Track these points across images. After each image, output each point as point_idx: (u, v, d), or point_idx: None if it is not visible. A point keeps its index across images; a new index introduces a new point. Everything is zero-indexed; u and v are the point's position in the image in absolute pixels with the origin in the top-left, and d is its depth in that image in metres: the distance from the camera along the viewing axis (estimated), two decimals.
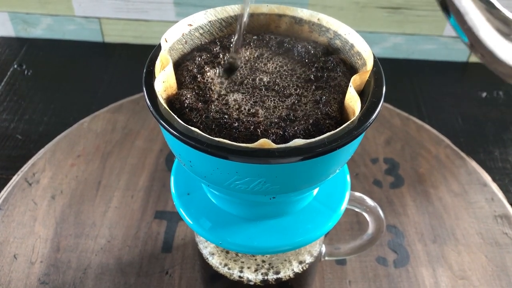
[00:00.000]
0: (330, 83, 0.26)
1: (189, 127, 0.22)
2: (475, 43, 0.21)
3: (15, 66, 0.63)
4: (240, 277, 0.34)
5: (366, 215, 0.35)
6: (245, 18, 0.25)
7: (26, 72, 0.63)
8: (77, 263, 0.42)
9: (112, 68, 0.64)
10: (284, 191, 0.24)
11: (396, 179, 0.50)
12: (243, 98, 0.25)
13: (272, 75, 0.27)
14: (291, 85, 0.26)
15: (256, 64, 0.27)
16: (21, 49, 0.66)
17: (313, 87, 0.26)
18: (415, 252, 0.44)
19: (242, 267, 0.33)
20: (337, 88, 0.25)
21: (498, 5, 0.20)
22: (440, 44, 0.66)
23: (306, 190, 0.26)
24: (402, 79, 0.64)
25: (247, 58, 0.28)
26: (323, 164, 0.23)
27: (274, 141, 0.22)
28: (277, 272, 0.34)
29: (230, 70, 0.27)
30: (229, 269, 0.34)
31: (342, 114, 0.25)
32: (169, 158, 0.51)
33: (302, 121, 0.23)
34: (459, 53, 0.67)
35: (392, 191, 0.49)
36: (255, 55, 0.28)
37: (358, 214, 0.46)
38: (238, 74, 0.27)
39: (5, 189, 0.47)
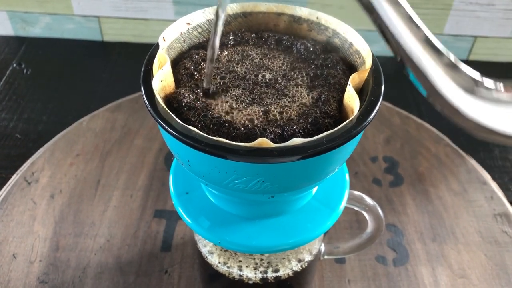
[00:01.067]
0: (329, 81, 0.25)
1: (187, 126, 0.22)
2: (433, 96, 0.21)
3: (14, 65, 0.63)
4: (239, 275, 0.34)
5: (365, 214, 0.35)
6: (217, 41, 0.24)
7: (25, 71, 0.62)
8: (76, 262, 0.42)
9: (111, 67, 0.64)
10: (282, 190, 0.24)
11: (396, 177, 0.50)
12: (241, 96, 0.25)
13: (271, 73, 0.27)
14: (290, 83, 0.26)
15: (253, 62, 0.27)
16: (20, 48, 0.66)
17: (312, 85, 0.26)
18: (414, 251, 0.44)
19: (241, 266, 0.33)
20: (336, 86, 0.25)
21: (453, 58, 0.20)
22: (440, 42, 0.65)
23: (305, 189, 0.26)
24: (401, 78, 0.64)
25: (240, 56, 0.28)
26: (322, 163, 0.23)
27: (272, 140, 0.22)
28: (276, 271, 0.34)
29: (208, 94, 0.26)
30: (228, 267, 0.34)
31: (341, 112, 0.24)
32: (168, 157, 0.51)
33: (301, 120, 0.23)
34: (459, 51, 0.67)
35: (391, 190, 0.49)
36: (252, 53, 0.28)
37: (357, 213, 0.46)
38: (235, 71, 0.27)
39: (4, 188, 0.47)
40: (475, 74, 0.19)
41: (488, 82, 0.19)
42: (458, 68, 0.19)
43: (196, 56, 0.27)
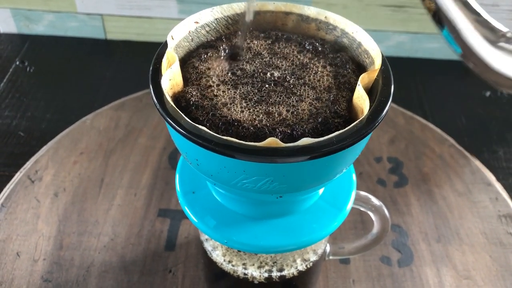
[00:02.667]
0: (339, 80, 0.25)
1: (197, 125, 0.22)
2: (467, 53, 0.21)
3: (17, 62, 0.63)
4: (244, 274, 0.34)
5: (371, 214, 0.35)
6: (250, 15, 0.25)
7: (28, 68, 0.62)
8: (80, 261, 0.42)
9: (114, 65, 0.64)
10: (291, 190, 0.24)
11: (400, 178, 0.50)
12: (250, 94, 0.25)
13: (280, 71, 0.27)
14: (299, 82, 0.26)
15: (262, 61, 0.27)
16: (23, 45, 0.66)
17: (322, 84, 0.26)
18: (419, 251, 0.44)
19: (245, 264, 0.33)
20: (346, 85, 0.25)
21: (485, 14, 0.20)
22: (444, 43, 0.65)
23: (313, 189, 0.26)
24: (406, 78, 0.64)
25: (249, 55, 0.28)
26: (331, 163, 0.23)
27: (282, 140, 0.22)
28: (281, 270, 0.34)
29: (233, 56, 0.26)
30: (233, 266, 0.34)
31: (350, 112, 0.24)
32: (172, 156, 0.51)
33: (311, 120, 0.23)
34: None
35: (396, 190, 0.48)
36: (260, 52, 0.28)
37: (362, 213, 0.46)
38: (245, 69, 0.27)
39: (7, 186, 0.47)
40: (503, 28, 0.19)
41: None
42: (486, 21, 0.19)
43: (205, 55, 0.27)
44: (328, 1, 0.61)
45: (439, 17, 0.21)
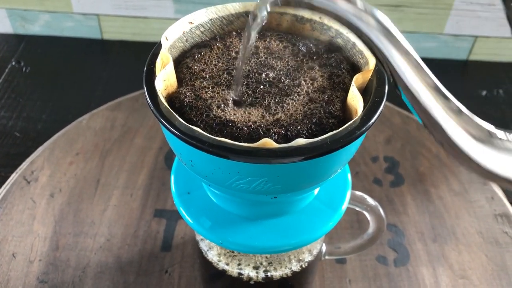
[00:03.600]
0: (334, 80, 0.25)
1: (191, 126, 0.22)
2: (432, 128, 0.21)
3: (13, 63, 0.63)
4: (239, 273, 0.34)
5: (367, 214, 0.35)
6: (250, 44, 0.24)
7: (24, 69, 0.62)
8: (76, 262, 0.42)
9: (110, 65, 0.64)
10: (285, 191, 0.24)
11: (396, 177, 0.50)
12: (244, 95, 0.25)
13: (274, 72, 0.27)
14: (293, 83, 0.26)
15: (256, 61, 0.27)
16: (19, 45, 0.66)
17: (316, 84, 0.26)
18: (415, 251, 0.44)
19: (241, 264, 0.33)
20: (341, 85, 0.25)
21: (465, 110, 0.20)
22: (440, 42, 0.65)
23: (308, 190, 0.26)
24: None
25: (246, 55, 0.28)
26: (326, 163, 0.23)
27: (276, 141, 0.22)
28: (277, 270, 0.34)
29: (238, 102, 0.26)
30: (228, 266, 0.34)
31: (344, 112, 0.24)
32: (168, 156, 0.51)
33: (305, 120, 0.23)
34: (460, 51, 0.66)
35: (392, 190, 0.49)
36: (255, 53, 0.28)
37: (358, 213, 0.46)
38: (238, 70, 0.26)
39: (3, 187, 0.47)
40: (488, 125, 0.20)
41: (500, 133, 0.20)
42: (470, 118, 0.19)
43: (198, 55, 0.27)
44: None
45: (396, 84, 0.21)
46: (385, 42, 0.20)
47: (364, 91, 0.25)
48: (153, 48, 0.26)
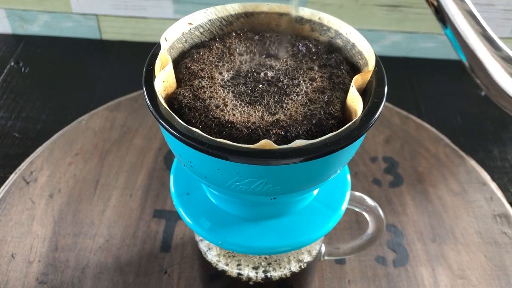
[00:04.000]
0: (333, 81, 0.25)
1: (190, 127, 0.22)
2: (477, 69, 0.21)
3: (12, 63, 0.63)
4: (239, 274, 0.34)
5: (366, 215, 0.35)
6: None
7: (23, 69, 0.62)
8: (76, 263, 0.41)
9: (110, 65, 0.63)
10: (285, 192, 0.24)
11: (395, 178, 0.50)
12: (244, 96, 0.25)
13: (273, 72, 0.27)
14: (293, 83, 0.26)
15: (255, 62, 0.27)
16: (18, 46, 0.65)
17: (316, 85, 0.26)
18: (414, 251, 0.44)
19: (240, 264, 0.33)
20: (340, 86, 0.25)
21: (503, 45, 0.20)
22: (439, 42, 0.65)
23: (307, 191, 0.26)
24: (401, 78, 0.64)
25: (243, 56, 0.28)
26: (325, 164, 0.23)
27: (275, 142, 0.22)
28: (276, 270, 0.34)
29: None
30: (228, 266, 0.34)
31: (344, 113, 0.24)
32: (168, 157, 0.51)
33: (305, 121, 0.23)
34: None
35: (391, 190, 0.49)
36: (254, 53, 0.28)
37: (357, 214, 0.46)
38: (238, 70, 0.26)
39: (2, 187, 0.47)
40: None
41: None
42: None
43: (197, 55, 0.27)
44: (323, 1, 0.61)
45: (442, 15, 0.21)
46: None
47: (363, 92, 0.25)
48: (153, 49, 0.26)
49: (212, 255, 0.34)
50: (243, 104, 0.24)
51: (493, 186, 0.49)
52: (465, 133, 0.57)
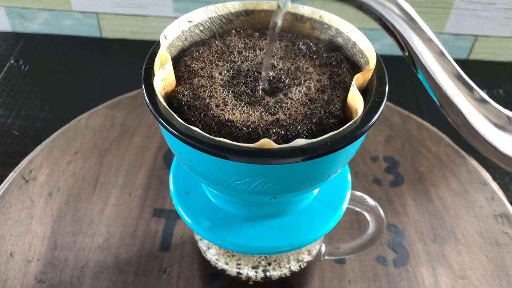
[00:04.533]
0: (334, 79, 0.25)
1: (189, 126, 0.22)
2: (447, 108, 0.21)
3: (12, 61, 0.63)
4: (238, 273, 0.33)
5: (366, 214, 0.35)
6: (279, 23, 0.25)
7: (22, 67, 0.62)
8: (75, 261, 0.41)
9: (109, 63, 0.63)
10: (285, 191, 0.24)
11: (396, 177, 0.49)
12: (244, 94, 0.25)
13: (274, 71, 0.26)
14: (293, 82, 0.26)
15: (255, 60, 0.27)
16: (17, 44, 0.65)
17: (316, 84, 0.25)
18: (415, 251, 0.43)
19: (239, 263, 0.33)
20: (341, 85, 0.25)
21: (486, 98, 0.21)
22: (440, 41, 0.65)
23: (307, 190, 0.26)
24: (402, 77, 0.64)
25: (243, 54, 0.27)
26: (325, 164, 0.23)
27: (275, 141, 0.22)
28: (274, 269, 0.33)
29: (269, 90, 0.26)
30: (226, 264, 0.33)
31: (345, 112, 0.24)
32: (167, 156, 0.51)
33: (305, 120, 0.23)
34: (460, 50, 0.66)
35: (392, 190, 0.48)
36: (254, 51, 0.27)
37: (357, 213, 0.46)
38: (238, 69, 0.26)
39: (1, 186, 0.47)
40: (508, 112, 0.20)
41: None
42: (490, 104, 0.19)
43: (197, 53, 0.27)
44: None
45: (413, 61, 0.21)
46: (407, 29, 0.20)
47: (364, 91, 0.25)
48: (152, 47, 0.26)
49: (212, 254, 0.34)
50: (242, 104, 0.24)
51: (494, 186, 0.49)
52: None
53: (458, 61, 0.66)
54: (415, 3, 0.61)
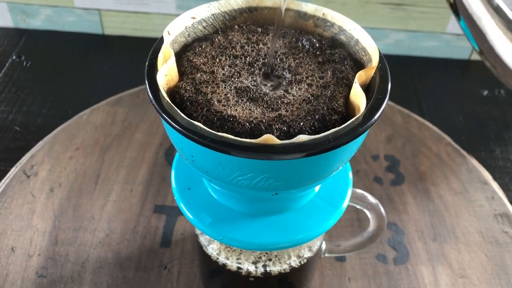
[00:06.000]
0: (337, 76, 0.25)
1: (192, 121, 0.22)
2: (487, 52, 0.21)
3: (14, 57, 0.63)
4: (239, 268, 0.33)
5: (367, 212, 0.35)
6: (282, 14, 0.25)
7: (25, 63, 0.62)
8: (75, 257, 0.41)
9: (111, 60, 0.63)
10: (287, 187, 0.24)
11: (397, 176, 0.50)
12: (246, 90, 0.25)
13: (277, 67, 0.26)
14: (296, 78, 0.26)
15: (258, 56, 0.27)
16: (20, 40, 0.65)
17: (319, 80, 0.26)
18: (415, 250, 0.44)
19: (240, 258, 0.33)
20: (344, 81, 0.25)
21: None
22: (442, 41, 0.65)
23: (309, 187, 0.26)
24: (403, 76, 0.64)
25: (246, 49, 0.27)
26: (327, 160, 0.23)
27: (278, 137, 0.22)
28: (274, 265, 0.34)
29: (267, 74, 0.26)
30: (227, 259, 0.33)
31: (347, 109, 0.24)
32: (169, 152, 0.51)
33: (308, 116, 0.23)
34: (461, 50, 0.66)
35: (392, 189, 0.48)
36: (258, 47, 0.28)
37: (358, 211, 0.46)
38: (241, 64, 0.26)
39: (3, 181, 0.47)
40: None
41: None
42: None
43: (199, 48, 0.27)
44: None
45: (456, 7, 0.21)
46: None
47: (367, 88, 0.25)
48: (155, 43, 0.26)
49: (213, 249, 0.34)
50: (245, 100, 0.24)
51: (495, 185, 0.49)
52: (467, 132, 0.56)
53: (459, 61, 0.66)
54: (417, 3, 0.61)
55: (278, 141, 0.21)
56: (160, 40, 0.26)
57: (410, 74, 0.64)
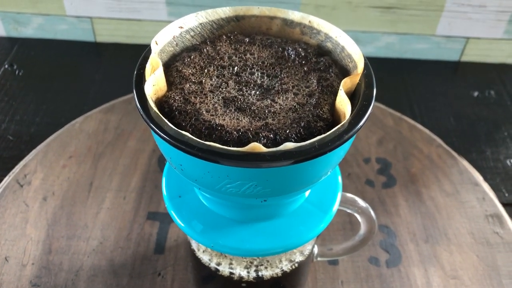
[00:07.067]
0: (322, 84, 0.26)
1: (180, 131, 0.22)
2: None
3: (6, 66, 0.63)
4: (231, 273, 0.34)
5: (358, 216, 0.35)
6: None
7: (17, 72, 0.62)
8: (69, 265, 0.42)
9: (104, 68, 0.64)
10: (275, 194, 0.24)
11: (388, 179, 0.50)
12: (233, 99, 0.25)
13: (264, 76, 0.27)
14: (282, 87, 0.26)
15: (245, 65, 0.27)
16: (12, 48, 0.65)
17: (305, 88, 0.26)
18: (407, 252, 0.44)
19: (232, 263, 0.34)
20: (329, 88, 0.25)
21: None
22: (432, 44, 0.66)
23: (298, 193, 0.26)
24: (394, 79, 0.64)
25: (233, 59, 0.28)
26: (314, 167, 0.23)
27: (265, 145, 0.22)
28: (266, 269, 0.34)
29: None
30: (218, 264, 0.34)
31: (333, 115, 0.25)
32: (162, 159, 0.51)
33: (294, 124, 0.23)
34: (452, 52, 0.67)
35: (384, 191, 0.49)
36: (245, 56, 0.28)
37: (350, 215, 0.46)
38: (228, 74, 0.27)
39: None
40: None
41: None
42: None
43: (188, 59, 0.27)
44: (316, 2, 0.61)
45: None
46: None
47: (352, 94, 0.26)
48: (143, 53, 0.26)
49: (204, 254, 0.34)
50: (232, 109, 0.25)
51: (485, 186, 0.50)
52: (458, 134, 0.57)
53: (450, 63, 0.67)
54: (407, 6, 0.62)
55: (264, 149, 0.21)
56: (148, 50, 0.26)
57: (401, 77, 0.64)
